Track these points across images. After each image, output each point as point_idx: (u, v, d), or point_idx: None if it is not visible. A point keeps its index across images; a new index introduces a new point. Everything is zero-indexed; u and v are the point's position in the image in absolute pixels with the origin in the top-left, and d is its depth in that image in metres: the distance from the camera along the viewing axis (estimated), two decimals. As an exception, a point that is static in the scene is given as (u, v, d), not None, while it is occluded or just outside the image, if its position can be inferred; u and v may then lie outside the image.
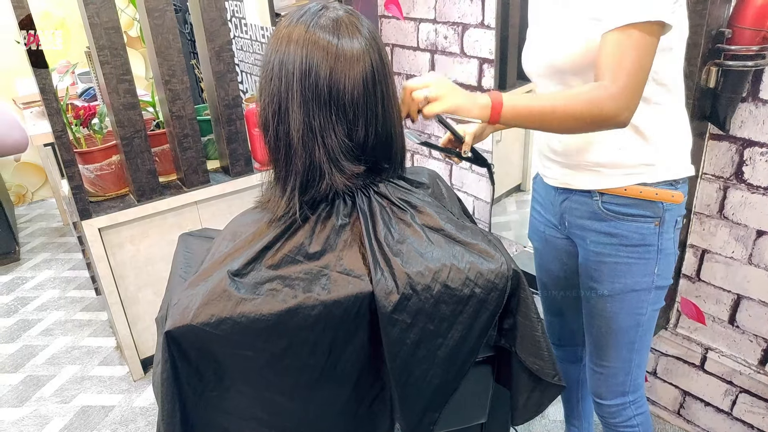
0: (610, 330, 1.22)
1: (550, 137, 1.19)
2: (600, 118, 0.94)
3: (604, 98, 0.92)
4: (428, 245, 0.88)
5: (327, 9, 0.87)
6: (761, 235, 1.45)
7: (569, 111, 0.94)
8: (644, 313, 1.19)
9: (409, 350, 0.87)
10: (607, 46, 0.94)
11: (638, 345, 1.23)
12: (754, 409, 1.61)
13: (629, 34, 0.91)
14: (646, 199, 1.10)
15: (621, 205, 1.12)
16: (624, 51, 0.92)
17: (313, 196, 0.88)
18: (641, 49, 0.92)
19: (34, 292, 2.88)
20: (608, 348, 1.24)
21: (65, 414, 2.09)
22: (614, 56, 0.92)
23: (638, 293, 1.17)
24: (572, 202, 1.20)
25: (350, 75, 0.84)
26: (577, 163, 1.15)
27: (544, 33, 1.12)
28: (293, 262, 0.86)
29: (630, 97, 0.93)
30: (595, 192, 1.14)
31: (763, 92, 1.35)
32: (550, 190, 1.27)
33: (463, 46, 2.00)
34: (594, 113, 0.93)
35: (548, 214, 1.31)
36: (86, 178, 2.03)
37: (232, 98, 2.07)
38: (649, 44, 0.92)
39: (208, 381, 0.87)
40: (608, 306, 1.20)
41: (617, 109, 0.93)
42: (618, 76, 0.92)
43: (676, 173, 1.11)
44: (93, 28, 1.78)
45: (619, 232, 1.13)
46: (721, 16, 1.32)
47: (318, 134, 0.84)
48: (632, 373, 1.26)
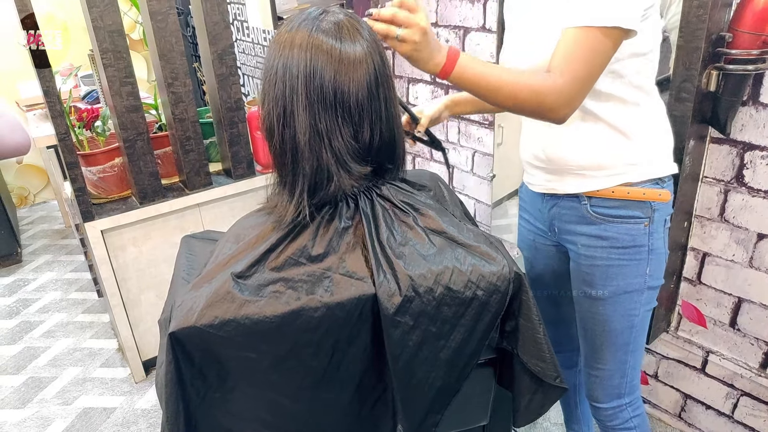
0: (605, 332, 1.22)
1: (532, 145, 1.19)
2: (540, 109, 0.95)
3: (548, 90, 0.93)
4: (430, 247, 0.88)
5: (327, 13, 0.87)
6: (762, 239, 1.46)
7: (513, 93, 0.95)
8: (637, 314, 1.20)
9: (412, 352, 0.87)
10: (565, 40, 0.94)
11: (633, 346, 1.23)
12: (756, 412, 1.61)
13: (587, 34, 0.92)
14: (634, 200, 1.11)
15: (610, 208, 1.12)
16: (579, 49, 0.93)
17: (322, 199, 0.89)
18: (596, 50, 0.93)
19: (36, 294, 2.89)
20: (603, 351, 1.24)
21: (67, 416, 2.09)
22: (568, 52, 0.93)
23: (631, 295, 1.17)
24: (560, 207, 1.20)
25: (354, 77, 0.84)
26: (560, 167, 1.15)
27: (521, 37, 1.12)
28: (296, 264, 0.86)
29: (574, 94, 0.94)
30: (582, 196, 1.14)
31: (764, 96, 1.36)
32: (536, 197, 1.27)
33: (465, 50, 2.00)
34: (534, 102, 0.94)
35: (536, 221, 1.31)
36: (89, 180, 2.03)
37: (234, 101, 2.08)
38: (605, 47, 0.93)
39: (212, 382, 0.87)
40: (601, 309, 1.20)
41: (558, 103, 0.94)
42: (567, 71, 0.93)
43: (660, 170, 1.12)
44: (96, 31, 1.78)
45: (609, 235, 1.14)
46: (722, 20, 1.32)
47: (325, 136, 0.84)
48: (628, 375, 1.26)
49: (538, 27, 1.07)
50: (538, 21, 1.07)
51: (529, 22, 1.10)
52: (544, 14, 1.05)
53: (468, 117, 2.10)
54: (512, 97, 0.95)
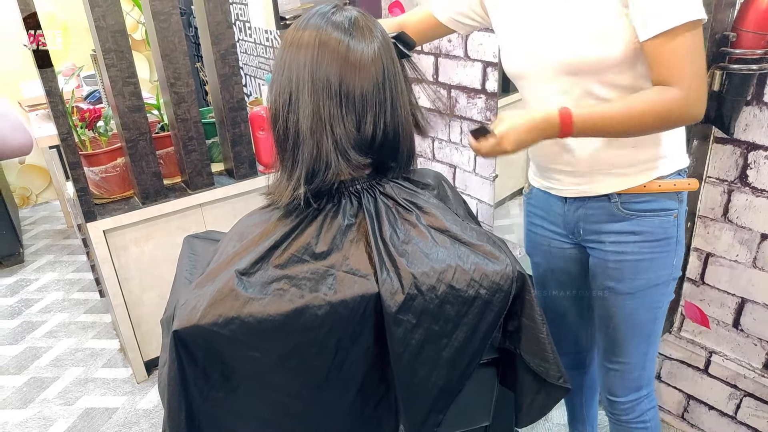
0: (629, 326, 1.22)
1: (556, 150, 1.15)
2: (676, 124, 1.00)
3: (673, 105, 0.95)
4: (433, 246, 0.88)
5: (341, 9, 0.89)
6: (765, 239, 1.45)
7: (641, 124, 0.98)
8: (661, 306, 1.21)
9: (414, 351, 0.87)
10: (662, 50, 0.94)
11: (654, 338, 1.24)
12: (759, 412, 1.60)
13: (683, 35, 0.92)
14: (665, 192, 1.11)
15: (642, 202, 1.12)
16: (682, 53, 0.93)
17: (319, 186, 0.89)
18: (696, 47, 0.93)
19: (38, 294, 2.89)
20: (626, 344, 1.24)
21: (69, 416, 2.09)
22: (673, 60, 0.94)
23: (658, 287, 1.18)
24: (588, 209, 1.18)
25: (362, 71, 0.85)
26: (592, 170, 1.13)
27: (556, 28, 1.04)
28: (300, 261, 0.86)
29: (698, 96, 0.95)
30: (613, 194, 1.13)
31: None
32: (555, 201, 1.24)
33: (467, 50, 2.00)
34: (666, 122, 0.98)
35: (553, 225, 1.29)
36: (91, 180, 2.03)
37: (236, 101, 2.08)
38: (700, 40, 0.94)
39: (215, 382, 0.87)
40: (628, 303, 1.20)
41: (689, 112, 0.96)
42: (682, 79, 0.94)
43: (683, 161, 1.13)
44: (99, 31, 1.79)
45: (642, 230, 1.13)
46: (726, 19, 1.32)
47: (327, 123, 0.86)
48: (647, 367, 1.27)
49: (587, 17, 1.00)
50: (584, 10, 1.01)
51: (571, 10, 1.02)
52: (593, 4, 1.00)
53: (471, 116, 2.10)
54: (640, 126, 0.99)
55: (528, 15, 1.08)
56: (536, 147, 1.08)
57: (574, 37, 1.01)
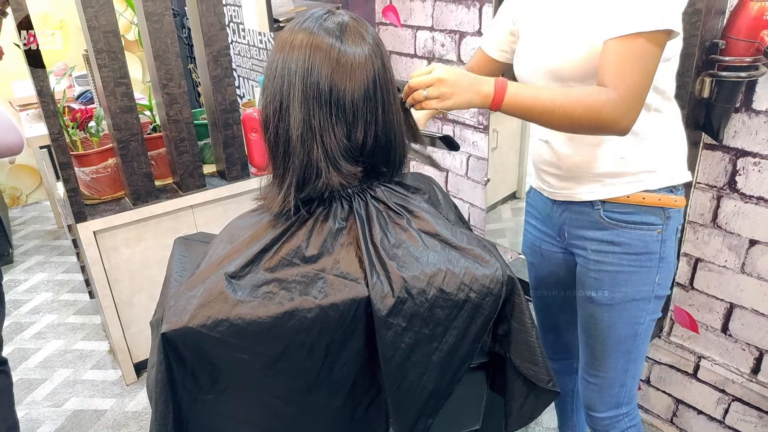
0: (607, 339, 1.21)
1: (546, 151, 1.18)
2: (598, 124, 0.94)
3: (604, 105, 0.92)
4: (424, 250, 0.88)
5: (333, 14, 0.89)
6: (754, 245, 1.46)
7: (568, 113, 0.94)
8: (642, 323, 1.18)
9: (404, 354, 0.87)
10: (611, 51, 0.93)
11: (634, 355, 1.22)
12: (747, 417, 1.61)
13: (635, 43, 0.91)
14: (649, 206, 1.10)
15: (624, 213, 1.11)
16: (628, 58, 0.91)
17: (309, 194, 0.89)
18: (645, 56, 0.91)
19: (27, 295, 2.87)
20: (604, 358, 1.23)
21: (57, 418, 2.07)
22: (618, 63, 0.92)
23: (638, 302, 1.16)
24: (572, 213, 1.19)
25: (352, 78, 0.85)
26: (578, 175, 1.14)
27: (543, 38, 1.10)
28: (290, 265, 0.86)
29: (631, 105, 0.93)
30: (596, 201, 1.13)
31: (756, 103, 1.37)
32: (546, 202, 1.26)
33: (461, 54, 2.01)
34: (592, 119, 0.93)
35: (545, 226, 1.30)
36: (82, 180, 2.02)
37: (229, 103, 2.07)
38: (653, 52, 0.92)
39: (204, 384, 0.86)
40: (606, 315, 1.19)
41: (617, 117, 0.93)
42: (620, 82, 0.92)
43: (676, 178, 1.11)
44: (91, 31, 1.78)
45: (621, 241, 1.12)
46: (715, 27, 1.33)
47: (317, 133, 0.85)
48: (627, 384, 1.24)
49: (567, 27, 1.05)
50: (566, 20, 1.05)
51: (556, 21, 1.08)
52: (574, 14, 1.04)
53: (463, 120, 2.10)
54: (568, 116, 0.94)
55: (535, 26, 1.14)
56: (530, 144, 1.09)
57: (561, 46, 1.05)
